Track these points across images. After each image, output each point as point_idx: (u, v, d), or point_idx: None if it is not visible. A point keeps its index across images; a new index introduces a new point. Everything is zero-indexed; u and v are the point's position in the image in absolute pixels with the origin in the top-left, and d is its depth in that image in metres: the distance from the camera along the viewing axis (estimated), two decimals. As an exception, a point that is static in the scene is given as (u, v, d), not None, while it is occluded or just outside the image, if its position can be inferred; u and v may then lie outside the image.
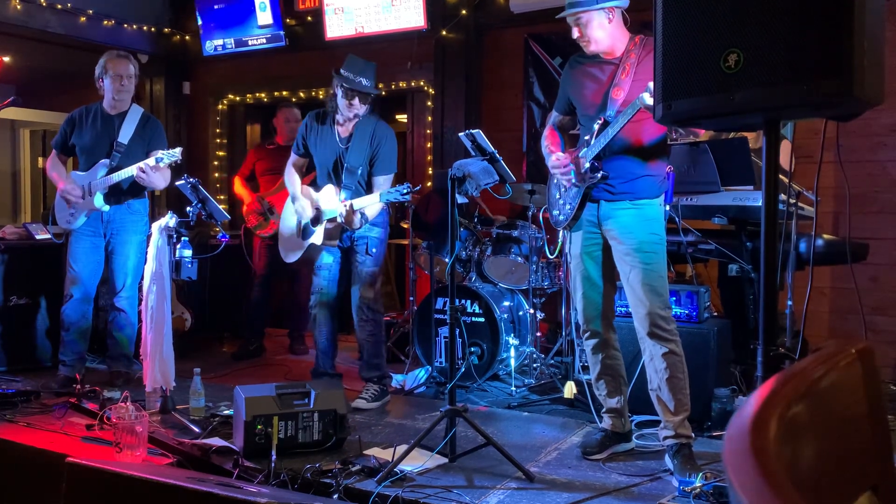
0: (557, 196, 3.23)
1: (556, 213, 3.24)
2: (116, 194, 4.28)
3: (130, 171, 4.11)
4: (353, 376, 4.21)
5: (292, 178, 4.08)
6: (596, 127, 3.02)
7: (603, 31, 2.99)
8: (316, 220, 3.95)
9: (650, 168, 3.02)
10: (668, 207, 3.21)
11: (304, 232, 4.01)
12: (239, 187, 5.44)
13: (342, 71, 3.83)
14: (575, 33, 3.03)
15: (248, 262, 5.45)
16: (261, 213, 5.25)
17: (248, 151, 6.12)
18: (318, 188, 4.00)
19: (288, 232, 4.12)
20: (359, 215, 3.74)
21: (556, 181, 3.24)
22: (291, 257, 4.11)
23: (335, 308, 4.08)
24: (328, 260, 4.01)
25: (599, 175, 2.99)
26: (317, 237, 3.93)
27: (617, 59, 3.04)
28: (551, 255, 4.12)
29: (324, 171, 3.98)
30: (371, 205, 3.74)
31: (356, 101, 3.82)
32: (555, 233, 3.71)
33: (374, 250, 3.92)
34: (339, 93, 3.85)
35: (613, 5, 2.95)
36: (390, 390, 4.12)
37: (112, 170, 4.21)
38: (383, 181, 3.87)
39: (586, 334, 3.21)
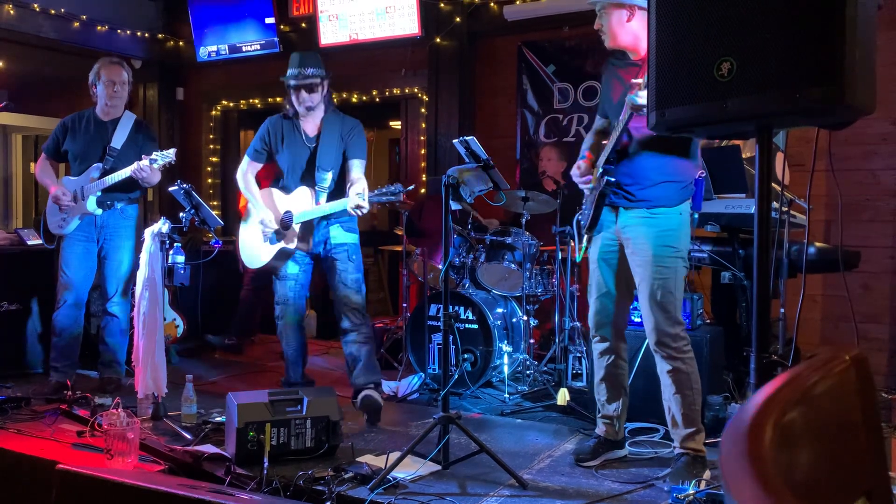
0: (584, 200, 3.20)
1: (579, 217, 3.20)
2: (109, 198, 4.27)
3: (125, 172, 4.11)
4: (346, 382, 4.19)
5: (249, 185, 4.01)
6: (612, 130, 3.01)
7: (621, 28, 2.93)
8: (285, 225, 3.88)
9: (671, 174, 2.93)
10: (696, 215, 3.11)
11: (271, 237, 3.92)
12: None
13: (286, 74, 3.88)
14: (596, 24, 3.01)
15: (240, 264, 5.47)
16: None
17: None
18: (287, 191, 3.95)
19: (250, 238, 4.03)
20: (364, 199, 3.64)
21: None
22: (255, 263, 4.01)
23: (302, 318, 4.07)
24: (294, 270, 3.96)
25: (605, 180, 2.97)
26: (289, 241, 3.88)
27: (641, 59, 2.95)
28: (578, 260, 3.94)
29: (295, 173, 3.93)
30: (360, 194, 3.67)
31: (303, 93, 3.82)
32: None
33: (354, 256, 3.91)
34: (291, 94, 3.88)
35: (634, 3, 2.89)
36: (383, 396, 4.09)
37: (104, 173, 4.21)
38: (358, 164, 3.84)
39: (595, 338, 3.18)
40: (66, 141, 4.34)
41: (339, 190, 3.87)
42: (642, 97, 2.76)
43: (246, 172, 4.05)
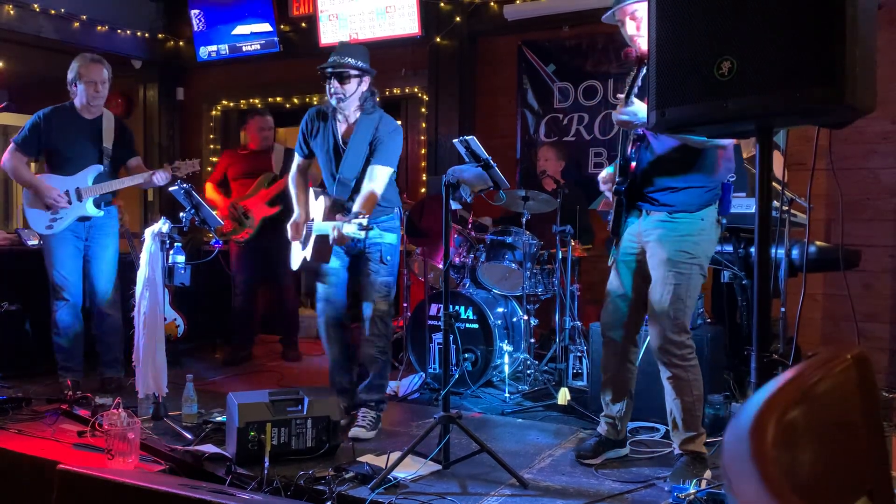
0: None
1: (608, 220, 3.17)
2: (99, 198, 4.27)
3: (139, 177, 4.19)
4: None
5: (293, 182, 3.80)
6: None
7: None
8: (307, 233, 3.67)
9: (693, 179, 2.87)
10: (724, 220, 2.98)
11: (304, 240, 3.72)
12: (211, 192, 5.31)
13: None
14: (631, 28, 2.84)
15: (225, 268, 5.36)
16: (235, 218, 5.18)
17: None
18: (317, 195, 3.74)
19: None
20: (355, 227, 3.22)
21: None
22: (294, 264, 3.84)
23: (346, 315, 3.79)
24: (335, 265, 3.69)
25: (615, 189, 2.98)
26: (307, 251, 3.65)
27: None
28: (609, 263, 3.76)
29: (325, 176, 3.73)
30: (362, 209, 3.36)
31: (334, 82, 3.53)
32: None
33: (388, 258, 3.59)
34: (326, 84, 3.57)
35: None
36: (386, 398, 4.07)
37: (101, 175, 4.21)
38: (378, 172, 3.50)
39: (604, 339, 3.17)
40: (52, 138, 4.21)
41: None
42: (623, 113, 2.77)
43: (294, 169, 3.81)
